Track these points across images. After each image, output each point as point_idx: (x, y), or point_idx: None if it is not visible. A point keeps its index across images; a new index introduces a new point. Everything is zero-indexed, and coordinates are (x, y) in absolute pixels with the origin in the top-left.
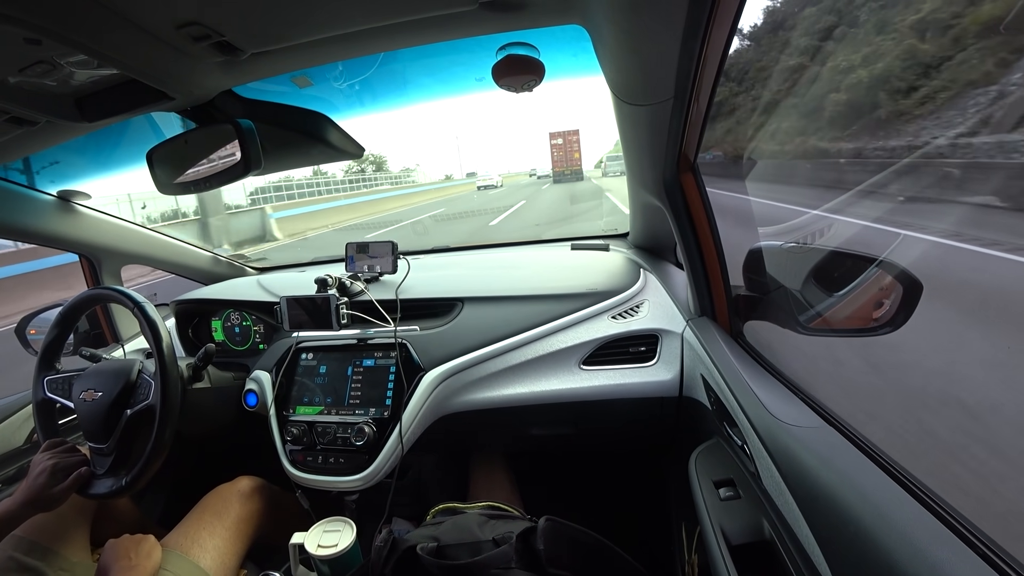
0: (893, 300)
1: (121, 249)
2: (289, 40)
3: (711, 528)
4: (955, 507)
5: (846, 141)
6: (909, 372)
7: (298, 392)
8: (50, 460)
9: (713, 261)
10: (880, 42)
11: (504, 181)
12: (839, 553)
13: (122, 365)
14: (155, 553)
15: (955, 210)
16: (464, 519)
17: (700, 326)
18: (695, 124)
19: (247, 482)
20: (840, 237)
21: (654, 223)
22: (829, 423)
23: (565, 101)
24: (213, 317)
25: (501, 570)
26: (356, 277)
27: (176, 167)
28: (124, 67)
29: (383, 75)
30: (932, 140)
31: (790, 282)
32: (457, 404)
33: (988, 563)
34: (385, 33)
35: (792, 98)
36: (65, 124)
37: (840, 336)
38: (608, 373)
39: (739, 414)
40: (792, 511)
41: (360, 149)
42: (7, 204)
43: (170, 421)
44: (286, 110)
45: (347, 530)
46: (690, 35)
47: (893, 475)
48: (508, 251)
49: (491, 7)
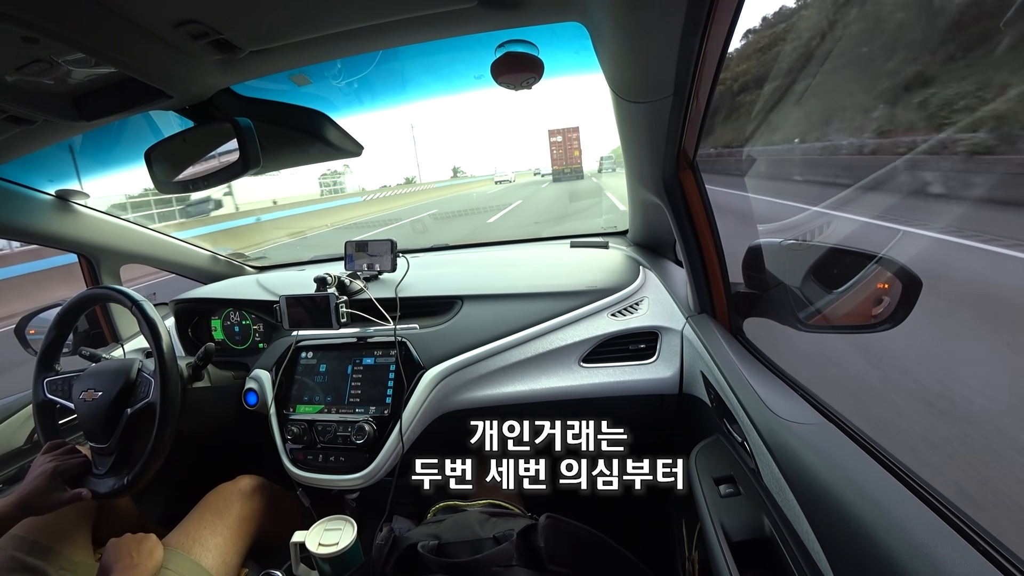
0: (892, 296)
1: (120, 248)
2: (287, 38)
3: (711, 525)
4: (955, 503)
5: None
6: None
7: (298, 391)
8: (51, 463)
9: (712, 258)
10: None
11: (516, 178)
12: (839, 549)
13: (122, 364)
14: (157, 552)
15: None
16: (465, 517)
17: (700, 323)
18: (694, 121)
19: (248, 481)
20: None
21: (653, 220)
22: (829, 419)
23: (566, 98)
24: (212, 316)
25: (502, 568)
26: (355, 276)
27: (175, 166)
28: (122, 65)
29: (382, 73)
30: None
31: (790, 279)
32: (457, 402)
33: (988, 559)
34: (383, 31)
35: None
36: (63, 123)
37: (839, 333)
38: (608, 370)
39: (739, 411)
40: (792, 508)
41: (359, 147)
42: (5, 204)
43: (170, 420)
44: (285, 108)
45: (348, 528)
46: (689, 32)
47: (893, 471)
48: (507, 249)
49: (490, 4)
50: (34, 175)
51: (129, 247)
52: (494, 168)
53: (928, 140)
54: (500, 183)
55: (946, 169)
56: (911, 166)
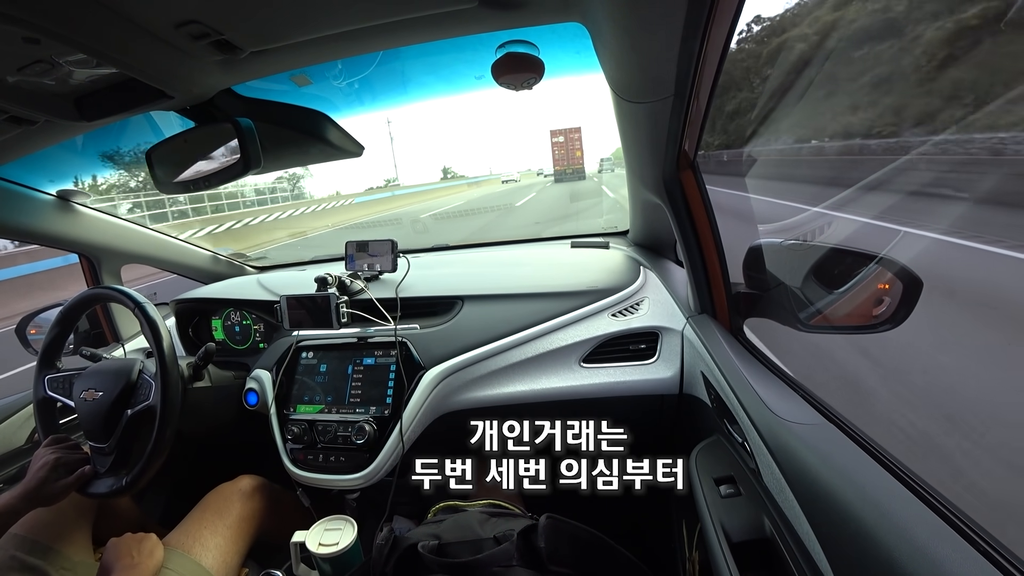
0: (893, 297)
1: (121, 249)
2: (288, 38)
3: (712, 525)
4: (956, 504)
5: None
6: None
7: (298, 391)
8: (53, 455)
9: (713, 258)
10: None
11: (521, 178)
12: (840, 550)
13: (122, 365)
14: (157, 552)
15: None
16: (465, 517)
17: (700, 323)
18: (695, 122)
19: (248, 481)
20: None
21: (654, 221)
22: (830, 420)
23: (569, 99)
24: (213, 316)
25: (502, 568)
26: (356, 276)
27: (176, 166)
28: (123, 66)
29: (382, 73)
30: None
31: (790, 279)
32: (457, 402)
33: (989, 560)
34: (384, 31)
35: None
36: (64, 123)
37: (840, 333)
38: (608, 371)
39: (739, 411)
40: (793, 508)
41: (360, 147)
42: (6, 204)
43: (171, 420)
44: (285, 109)
45: (348, 528)
46: (690, 33)
47: (894, 472)
48: (508, 249)
49: (490, 5)
50: (35, 175)
51: (130, 247)
52: (489, 169)
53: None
54: (507, 183)
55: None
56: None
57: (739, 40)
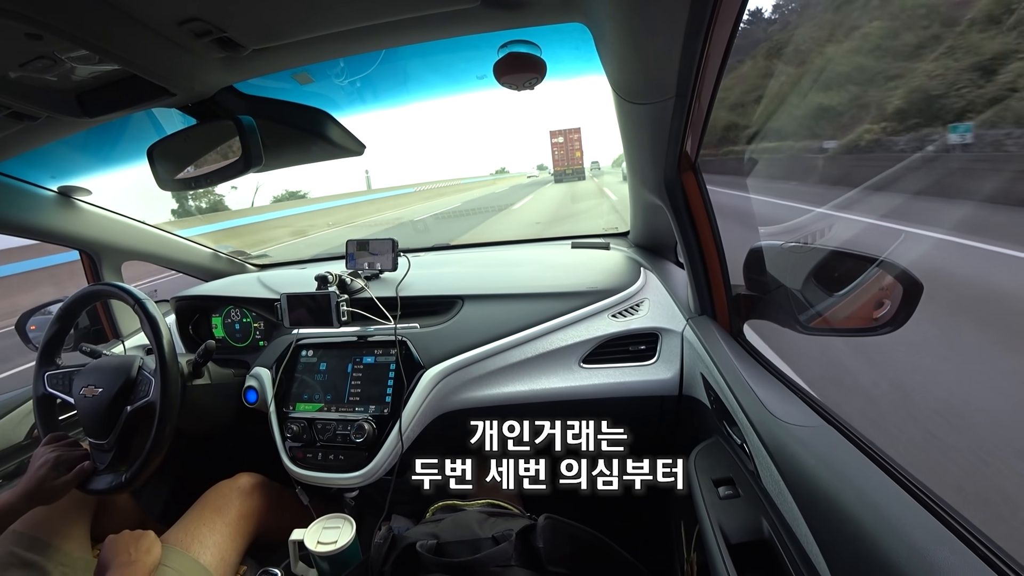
0: (894, 300)
1: (122, 245)
2: (290, 37)
3: (710, 527)
4: (954, 507)
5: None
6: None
7: (298, 389)
8: (53, 453)
9: (713, 260)
10: None
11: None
12: (838, 552)
13: (122, 361)
14: (155, 549)
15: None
16: (464, 516)
17: (700, 325)
18: (697, 123)
19: (247, 479)
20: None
21: (655, 222)
22: (829, 422)
23: (572, 100)
24: (213, 314)
25: (501, 568)
26: (356, 274)
27: (177, 163)
28: (125, 63)
29: (384, 72)
30: None
31: (790, 281)
32: (457, 402)
33: (987, 563)
34: (386, 30)
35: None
36: (66, 119)
37: (841, 336)
38: (608, 371)
39: (739, 413)
40: (791, 510)
41: (361, 146)
42: (7, 200)
43: (170, 418)
44: (287, 107)
45: (347, 527)
46: (692, 34)
47: (892, 475)
48: (508, 249)
49: (493, 5)
50: (37, 171)
51: (131, 244)
52: (493, 168)
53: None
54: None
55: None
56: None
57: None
